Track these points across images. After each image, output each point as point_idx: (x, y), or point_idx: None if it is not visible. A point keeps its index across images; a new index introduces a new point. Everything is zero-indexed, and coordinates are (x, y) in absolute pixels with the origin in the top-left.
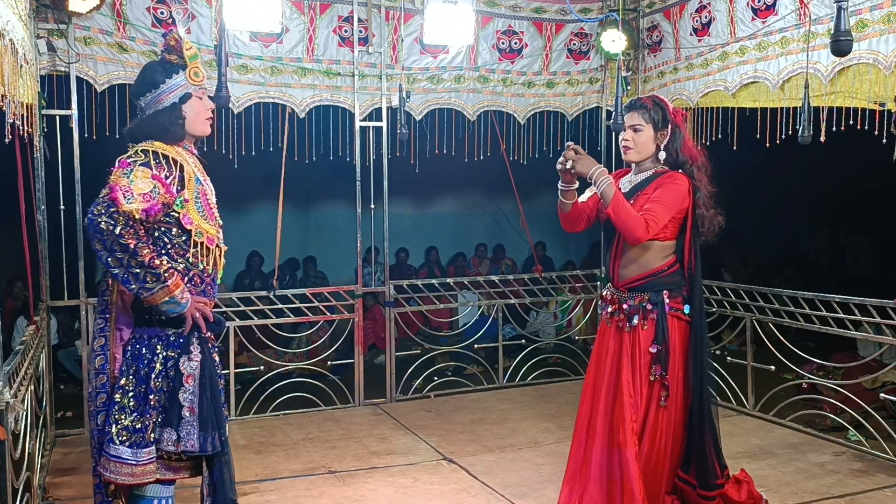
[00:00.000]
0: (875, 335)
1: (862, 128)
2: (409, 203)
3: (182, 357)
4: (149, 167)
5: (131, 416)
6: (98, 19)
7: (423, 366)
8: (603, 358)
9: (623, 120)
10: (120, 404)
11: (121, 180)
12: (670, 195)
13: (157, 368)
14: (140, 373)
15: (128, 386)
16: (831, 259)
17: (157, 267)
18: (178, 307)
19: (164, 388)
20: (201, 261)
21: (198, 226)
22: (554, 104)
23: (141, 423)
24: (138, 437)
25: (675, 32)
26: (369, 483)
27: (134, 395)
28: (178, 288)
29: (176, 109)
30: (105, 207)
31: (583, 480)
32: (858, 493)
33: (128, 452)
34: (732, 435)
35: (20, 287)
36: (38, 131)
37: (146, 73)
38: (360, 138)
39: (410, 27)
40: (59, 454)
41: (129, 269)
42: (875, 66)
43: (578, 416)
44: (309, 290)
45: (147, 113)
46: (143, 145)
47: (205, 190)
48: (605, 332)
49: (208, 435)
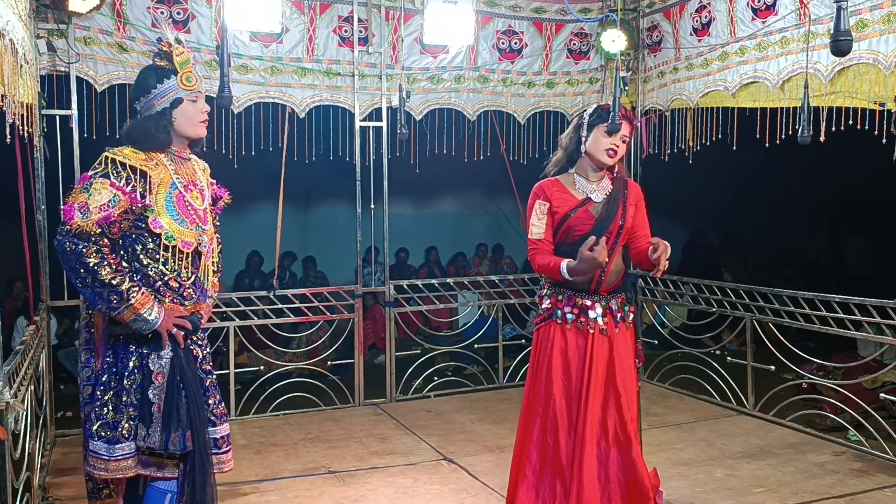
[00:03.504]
0: (875, 335)
1: (862, 128)
2: (409, 203)
3: (152, 354)
4: (108, 177)
5: (108, 413)
6: (98, 19)
7: (423, 366)
8: (580, 361)
9: (619, 121)
10: (101, 401)
11: (79, 197)
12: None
13: (129, 366)
14: (118, 370)
15: (110, 383)
16: (831, 259)
17: (119, 285)
18: (148, 324)
19: (136, 385)
20: (176, 266)
21: (168, 230)
22: (554, 104)
23: (114, 418)
24: (112, 433)
25: (675, 32)
26: (369, 483)
27: (113, 392)
28: (146, 306)
29: (165, 115)
30: (66, 228)
31: (566, 485)
32: (858, 493)
33: (103, 448)
34: (732, 435)
35: (20, 287)
36: (38, 131)
37: (141, 77)
38: (360, 138)
39: (410, 27)
40: (59, 454)
41: (93, 289)
42: (875, 66)
43: (549, 420)
44: (309, 290)
45: (140, 116)
46: (110, 151)
47: (182, 195)
48: (569, 335)
49: (172, 433)
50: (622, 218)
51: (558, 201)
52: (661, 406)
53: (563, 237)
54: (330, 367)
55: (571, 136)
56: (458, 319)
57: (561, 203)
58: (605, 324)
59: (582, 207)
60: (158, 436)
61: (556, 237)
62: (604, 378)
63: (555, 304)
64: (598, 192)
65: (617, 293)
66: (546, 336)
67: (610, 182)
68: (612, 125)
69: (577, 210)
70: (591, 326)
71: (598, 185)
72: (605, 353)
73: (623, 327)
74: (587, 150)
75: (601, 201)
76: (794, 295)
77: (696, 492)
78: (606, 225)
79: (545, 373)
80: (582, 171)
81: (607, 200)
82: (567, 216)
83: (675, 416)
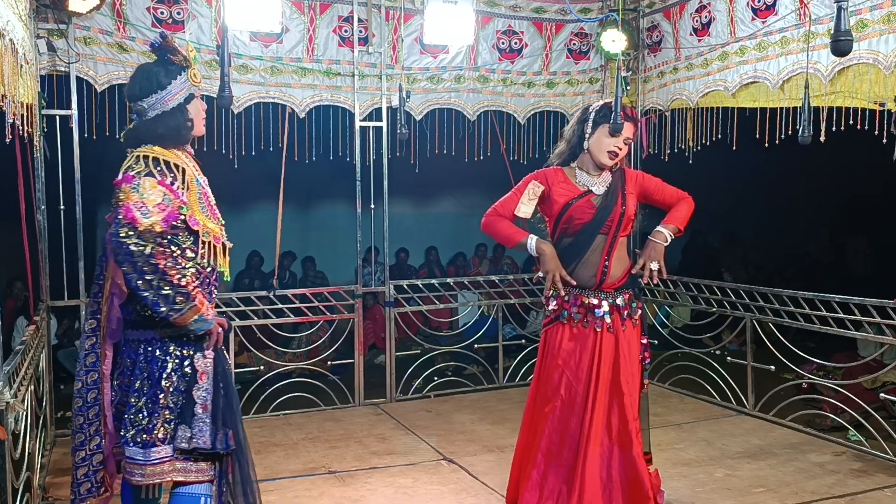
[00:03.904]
0: (875, 335)
1: (862, 128)
2: (409, 203)
3: (196, 354)
4: (153, 176)
5: (143, 418)
6: (98, 19)
7: (423, 366)
8: (588, 361)
9: (621, 121)
10: (136, 407)
11: (132, 197)
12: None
13: (168, 368)
14: (154, 375)
15: (143, 388)
16: (831, 259)
17: (186, 286)
18: (206, 324)
19: (179, 386)
20: (209, 260)
21: (203, 226)
22: (554, 104)
23: (150, 422)
24: (147, 437)
25: (675, 32)
26: (369, 483)
27: (147, 397)
28: (205, 305)
29: (183, 111)
30: (130, 229)
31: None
32: (858, 493)
33: (139, 453)
34: (732, 435)
35: (20, 287)
36: (38, 131)
37: (149, 74)
38: (360, 138)
39: (410, 27)
40: (59, 454)
41: (158, 291)
42: (875, 66)
43: (556, 422)
44: (309, 290)
45: (149, 115)
46: (141, 151)
47: (206, 190)
48: (577, 335)
49: (219, 432)
50: (622, 206)
51: (559, 190)
52: (661, 406)
53: (565, 227)
54: (330, 367)
55: (575, 129)
56: (458, 319)
57: (562, 192)
58: (612, 321)
59: (584, 198)
60: (208, 436)
61: (556, 229)
62: (609, 377)
63: (561, 304)
64: (599, 185)
65: (623, 289)
66: (553, 337)
67: (610, 175)
68: (613, 125)
69: (578, 199)
70: (598, 325)
71: (598, 178)
72: (611, 351)
73: (630, 325)
74: (589, 149)
75: (602, 193)
76: (794, 295)
77: (696, 492)
78: (607, 214)
79: (552, 374)
80: (583, 165)
81: (607, 191)
82: (568, 205)
83: (675, 416)
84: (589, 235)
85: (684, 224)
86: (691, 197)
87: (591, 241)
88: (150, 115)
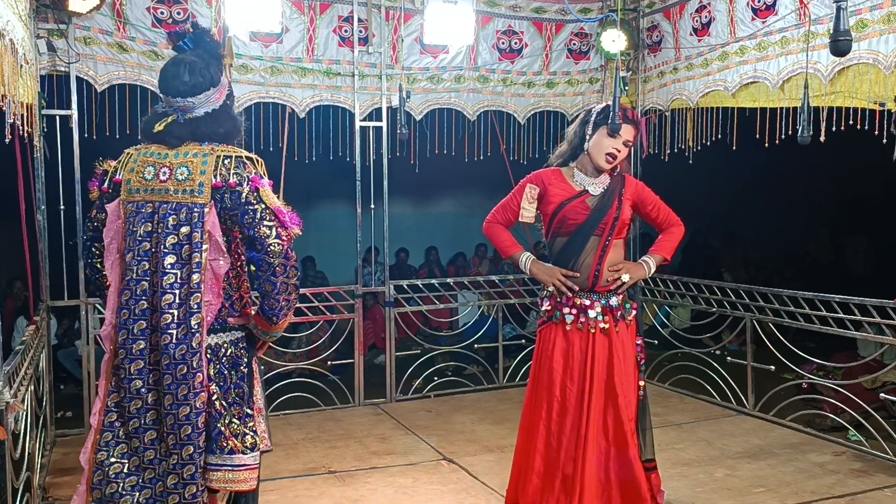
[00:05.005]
0: (875, 335)
1: (862, 128)
2: (409, 203)
3: (254, 359)
4: (265, 177)
5: (244, 423)
6: (98, 19)
7: (423, 366)
8: (581, 362)
9: (620, 122)
10: (229, 413)
11: (275, 201)
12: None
13: (246, 374)
14: (240, 376)
15: (238, 397)
16: (831, 259)
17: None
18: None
19: (252, 387)
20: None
21: None
22: (554, 104)
23: (247, 426)
24: (253, 440)
25: (675, 32)
26: (369, 483)
27: (238, 405)
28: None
29: (231, 108)
30: (286, 234)
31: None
32: (858, 493)
33: (250, 457)
34: (732, 435)
35: (20, 287)
36: (38, 131)
37: (204, 69)
38: (360, 138)
39: (410, 27)
40: (59, 454)
41: (289, 297)
42: (875, 66)
43: (553, 423)
44: (309, 290)
45: (196, 112)
46: (243, 152)
47: None
48: (570, 336)
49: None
50: (617, 210)
51: (554, 191)
52: (661, 406)
53: (558, 227)
54: (330, 367)
55: (577, 130)
56: (458, 319)
57: (557, 193)
58: (606, 323)
59: (579, 198)
60: (269, 436)
61: (551, 228)
62: (604, 379)
63: (555, 305)
64: (596, 186)
65: (616, 291)
66: (547, 338)
67: (609, 178)
68: (611, 125)
69: (573, 200)
70: (592, 326)
71: (596, 180)
72: (604, 353)
73: (623, 326)
74: (589, 150)
75: (598, 194)
76: (794, 295)
77: (696, 492)
78: (601, 216)
79: (547, 375)
80: (582, 166)
81: (604, 193)
82: (562, 206)
83: (675, 416)
84: (583, 237)
85: (672, 254)
86: (683, 225)
87: (584, 243)
88: (195, 111)
